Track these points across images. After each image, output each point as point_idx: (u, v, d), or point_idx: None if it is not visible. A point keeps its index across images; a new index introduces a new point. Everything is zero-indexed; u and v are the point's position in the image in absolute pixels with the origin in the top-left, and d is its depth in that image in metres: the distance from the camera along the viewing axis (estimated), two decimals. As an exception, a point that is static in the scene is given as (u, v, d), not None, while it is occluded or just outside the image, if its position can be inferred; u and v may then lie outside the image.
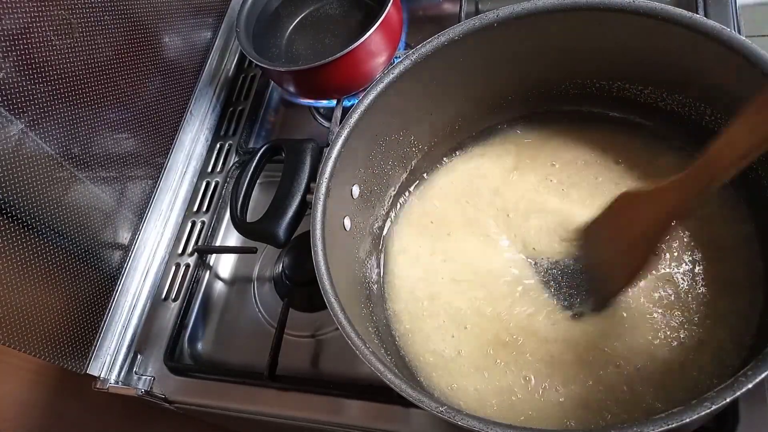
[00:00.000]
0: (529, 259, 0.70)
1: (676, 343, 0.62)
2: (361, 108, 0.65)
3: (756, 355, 0.47)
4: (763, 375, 0.44)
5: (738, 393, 0.44)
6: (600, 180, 0.72)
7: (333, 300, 0.55)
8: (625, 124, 0.74)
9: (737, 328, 0.61)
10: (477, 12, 0.98)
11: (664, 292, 0.64)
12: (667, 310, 0.63)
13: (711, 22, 0.57)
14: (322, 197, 0.61)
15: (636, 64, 0.66)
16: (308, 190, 0.67)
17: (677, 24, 0.59)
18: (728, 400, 0.44)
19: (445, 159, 0.79)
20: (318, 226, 0.60)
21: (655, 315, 0.63)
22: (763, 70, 0.55)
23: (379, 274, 0.74)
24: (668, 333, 0.62)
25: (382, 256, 0.75)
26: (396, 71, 0.66)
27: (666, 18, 0.59)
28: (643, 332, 0.63)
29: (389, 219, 0.76)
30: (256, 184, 0.73)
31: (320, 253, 0.59)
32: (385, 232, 0.76)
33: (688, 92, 0.67)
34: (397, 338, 0.70)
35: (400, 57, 0.92)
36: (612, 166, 0.73)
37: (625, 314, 0.64)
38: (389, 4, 0.82)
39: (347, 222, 0.68)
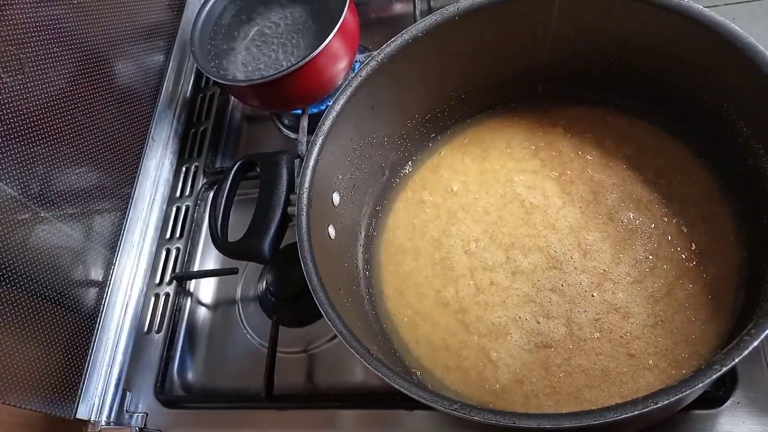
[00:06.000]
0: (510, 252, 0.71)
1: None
2: (333, 114, 0.65)
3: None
4: (766, 332, 0.45)
5: (745, 352, 0.44)
6: (572, 157, 0.73)
7: (330, 311, 0.55)
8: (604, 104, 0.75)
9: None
10: (430, 10, 0.99)
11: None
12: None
13: (697, 7, 0.59)
14: (304, 208, 0.60)
15: (604, 48, 0.67)
16: (288, 202, 0.66)
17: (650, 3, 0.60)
18: (737, 360, 0.44)
19: (421, 155, 0.79)
20: (305, 237, 0.59)
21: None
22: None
23: (369, 276, 0.73)
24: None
25: (371, 258, 0.74)
26: (363, 73, 0.66)
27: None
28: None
29: (373, 221, 0.75)
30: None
31: (310, 264, 0.57)
32: (371, 234, 0.75)
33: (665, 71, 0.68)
34: (390, 337, 0.70)
35: (360, 61, 0.92)
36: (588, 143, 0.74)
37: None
38: (345, 9, 0.81)
39: (331, 230, 0.67)
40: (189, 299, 0.88)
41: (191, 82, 1.05)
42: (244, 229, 0.68)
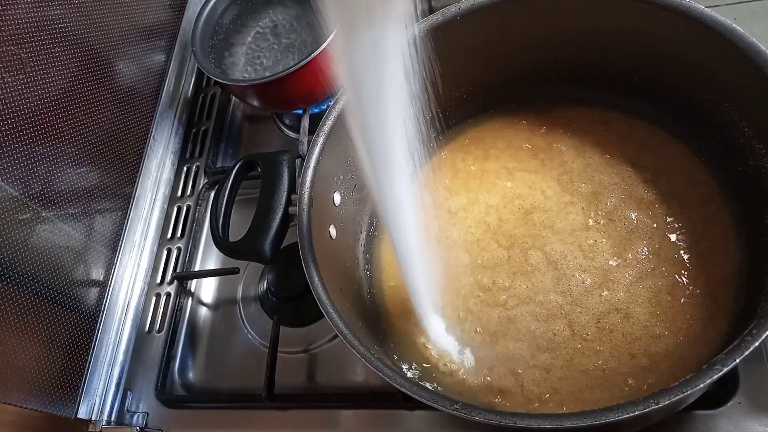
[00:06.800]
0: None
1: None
2: (334, 114, 0.65)
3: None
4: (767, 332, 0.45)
5: (746, 352, 0.44)
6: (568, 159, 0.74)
7: (331, 311, 0.55)
8: (604, 104, 0.75)
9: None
10: (431, 10, 0.99)
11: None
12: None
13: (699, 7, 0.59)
14: (306, 208, 0.60)
15: (604, 48, 0.67)
16: (289, 202, 0.66)
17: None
18: (738, 360, 0.44)
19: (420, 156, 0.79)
20: (306, 237, 0.59)
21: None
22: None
23: (370, 276, 0.73)
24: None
25: (372, 258, 0.74)
26: (365, 73, 0.65)
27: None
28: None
29: (374, 221, 0.76)
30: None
31: (311, 264, 0.57)
32: (372, 234, 0.75)
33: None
34: (391, 335, 0.70)
35: (361, 60, 0.92)
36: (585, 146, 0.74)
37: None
38: (346, 9, 0.81)
39: (332, 230, 0.67)
40: (190, 299, 0.88)
41: (192, 81, 1.05)
42: (245, 228, 0.67)
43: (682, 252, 0.65)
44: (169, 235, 0.93)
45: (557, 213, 0.71)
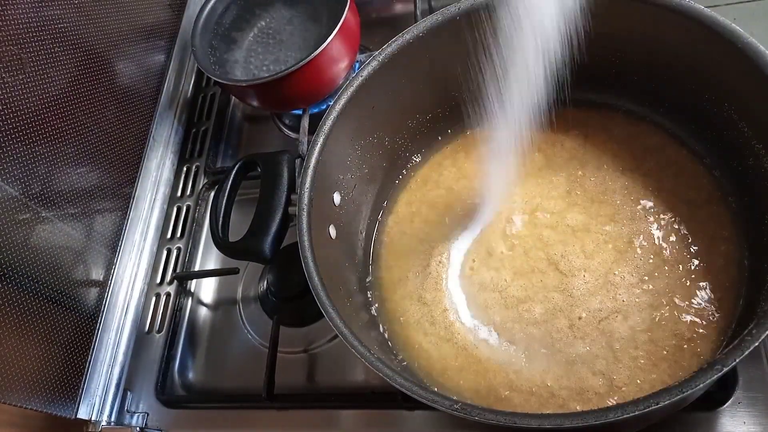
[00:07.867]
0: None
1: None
2: (334, 114, 0.65)
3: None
4: (767, 332, 0.45)
5: (746, 352, 0.44)
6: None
7: (331, 311, 0.54)
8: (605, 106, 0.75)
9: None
10: (431, 9, 0.99)
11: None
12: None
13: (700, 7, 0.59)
14: (305, 208, 0.60)
15: (604, 49, 0.67)
16: (289, 202, 0.66)
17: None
18: (737, 360, 0.44)
19: (422, 155, 0.79)
20: (305, 237, 0.59)
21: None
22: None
23: (369, 276, 0.73)
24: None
25: (371, 258, 0.74)
26: (364, 73, 0.66)
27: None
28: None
29: (374, 221, 0.76)
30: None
31: (311, 264, 0.57)
32: (372, 234, 0.75)
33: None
34: (391, 337, 0.70)
35: (361, 61, 0.92)
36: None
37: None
38: (346, 9, 0.81)
39: (332, 230, 0.67)
40: (190, 299, 0.88)
41: (192, 81, 1.05)
42: (245, 228, 0.68)
43: (682, 252, 0.65)
44: (168, 235, 0.93)
45: (559, 214, 0.71)
